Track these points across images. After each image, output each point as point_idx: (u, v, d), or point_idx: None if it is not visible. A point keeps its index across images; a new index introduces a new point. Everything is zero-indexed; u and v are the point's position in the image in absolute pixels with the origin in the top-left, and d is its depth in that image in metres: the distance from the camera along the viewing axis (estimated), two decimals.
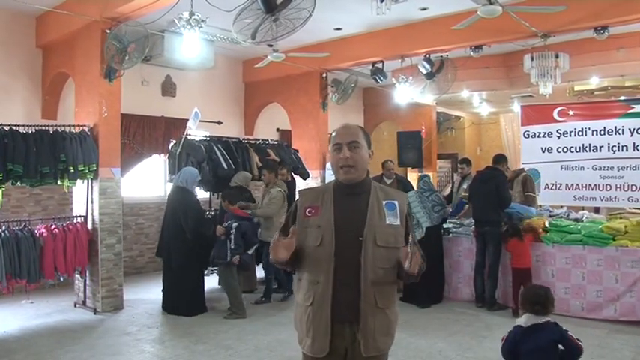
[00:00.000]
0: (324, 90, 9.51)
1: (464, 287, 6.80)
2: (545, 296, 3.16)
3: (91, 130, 6.36)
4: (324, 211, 2.28)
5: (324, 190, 2.38)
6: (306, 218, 2.31)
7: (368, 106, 13.10)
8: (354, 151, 2.28)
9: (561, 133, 8.38)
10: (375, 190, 2.34)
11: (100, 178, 6.32)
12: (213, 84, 9.84)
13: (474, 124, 15.05)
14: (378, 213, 2.27)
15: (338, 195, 2.32)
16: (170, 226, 6.16)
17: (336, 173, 2.33)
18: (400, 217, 2.30)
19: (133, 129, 8.25)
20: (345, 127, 2.37)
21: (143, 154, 8.47)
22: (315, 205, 2.32)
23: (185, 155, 7.26)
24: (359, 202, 2.29)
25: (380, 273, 2.22)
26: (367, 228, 2.22)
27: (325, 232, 2.23)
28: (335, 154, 2.31)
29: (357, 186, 2.32)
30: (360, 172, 2.31)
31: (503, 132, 13.74)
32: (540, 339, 3.02)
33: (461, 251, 6.87)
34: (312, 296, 2.25)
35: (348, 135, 2.31)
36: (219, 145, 7.78)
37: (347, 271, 2.20)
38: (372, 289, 2.20)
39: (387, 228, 2.26)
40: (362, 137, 2.33)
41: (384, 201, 2.31)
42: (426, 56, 8.09)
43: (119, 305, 6.45)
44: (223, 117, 9.86)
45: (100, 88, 6.33)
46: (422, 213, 6.54)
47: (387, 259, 2.24)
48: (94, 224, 6.37)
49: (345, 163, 2.27)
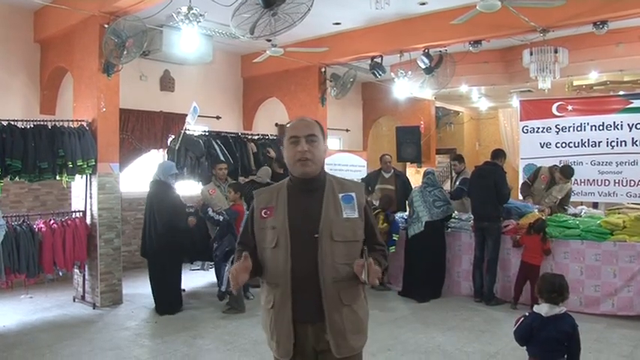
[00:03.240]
0: (323, 85, 9.48)
1: (463, 282, 6.81)
2: (560, 284, 3.22)
3: (89, 125, 6.34)
4: (278, 211, 2.23)
5: (279, 188, 2.31)
6: (262, 219, 2.26)
7: (367, 100, 13.05)
8: (312, 144, 2.22)
9: (560, 128, 8.40)
10: (330, 184, 2.28)
11: (99, 173, 6.31)
12: (212, 79, 9.81)
13: (472, 119, 14.99)
14: (333, 207, 2.21)
15: (292, 192, 2.27)
16: (148, 223, 6.09)
17: (291, 167, 2.26)
18: (358, 209, 2.23)
19: (131, 124, 8.21)
20: (302, 120, 2.31)
21: (142, 149, 8.42)
22: (269, 205, 2.27)
23: (184, 150, 7.28)
24: (314, 198, 2.23)
25: (340, 270, 2.15)
26: (322, 224, 2.16)
27: (280, 232, 2.18)
28: (291, 148, 2.23)
29: (313, 181, 2.25)
30: (317, 165, 2.24)
31: (502, 127, 13.71)
32: (556, 329, 3.09)
33: (460, 246, 6.88)
34: (272, 300, 2.21)
35: (306, 128, 2.24)
36: (218, 139, 7.79)
37: (305, 271, 2.14)
38: (334, 287, 2.14)
39: (344, 222, 2.19)
40: (319, 131, 2.27)
41: (340, 194, 2.24)
42: (424, 51, 8.06)
43: (118, 300, 6.44)
44: (222, 112, 9.86)
45: (98, 83, 6.31)
46: (422, 207, 6.56)
47: (347, 255, 2.17)
48: (93, 219, 6.36)
49: (303, 156, 2.19)
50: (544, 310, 3.15)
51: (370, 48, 8.43)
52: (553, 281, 3.25)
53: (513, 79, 9.81)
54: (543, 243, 5.95)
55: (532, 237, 6.02)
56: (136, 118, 8.30)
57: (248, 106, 10.50)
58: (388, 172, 8.04)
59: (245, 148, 8.19)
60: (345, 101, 10.88)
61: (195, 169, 7.41)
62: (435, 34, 7.66)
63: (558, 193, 7.07)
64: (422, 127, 11.56)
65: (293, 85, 9.70)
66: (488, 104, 13.40)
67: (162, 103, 8.80)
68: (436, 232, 6.62)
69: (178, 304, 6.13)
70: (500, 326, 5.46)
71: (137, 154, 8.42)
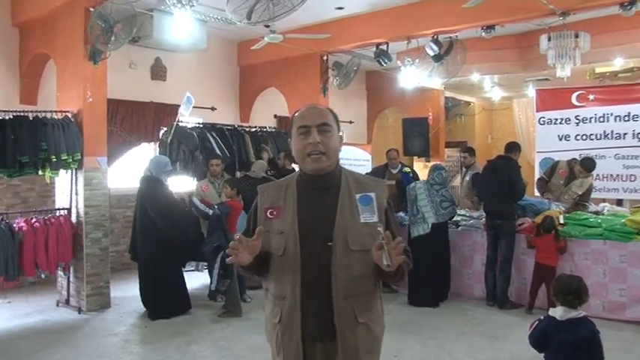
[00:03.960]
0: (325, 74, 9.45)
1: (474, 284, 6.76)
2: (578, 286, 3.19)
3: (74, 116, 6.30)
4: (286, 213, 2.09)
5: (287, 184, 2.17)
6: (267, 221, 2.12)
7: (371, 90, 13.00)
8: (325, 135, 2.07)
9: (580, 119, 8.31)
10: (346, 182, 2.12)
11: (85, 168, 6.29)
12: (206, 67, 9.78)
13: (484, 110, 14.97)
14: (349, 210, 2.05)
15: (302, 190, 2.12)
16: (139, 221, 6.06)
17: (301, 162, 2.10)
18: (378, 212, 2.02)
19: (120, 115, 8.15)
20: (313, 107, 2.15)
21: (131, 142, 8.38)
22: (276, 204, 2.13)
23: (177, 143, 7.29)
24: (327, 199, 2.08)
25: (357, 282, 2.03)
26: (337, 230, 2.02)
27: (289, 238, 2.04)
28: (301, 139, 2.07)
29: (326, 178, 2.10)
30: (332, 160, 2.09)
31: (517, 118, 13.68)
32: (573, 334, 3.06)
33: (471, 246, 6.82)
34: (279, 313, 2.09)
35: (317, 116, 2.09)
36: (213, 132, 7.79)
37: (316, 284, 2.01)
38: (348, 302, 2.02)
39: (362, 227, 2.01)
40: (332, 119, 2.13)
41: (357, 194, 2.03)
42: (433, 37, 8.00)
43: (106, 304, 6.42)
44: (217, 102, 9.82)
45: (84, 71, 6.27)
46: (428, 207, 6.45)
47: (365, 265, 2.02)
48: (79, 217, 6.34)
49: (315, 148, 2.04)
50: (559, 313, 3.13)
51: (375, 34, 8.39)
52: (569, 283, 3.24)
53: (529, 67, 9.71)
54: (557, 242, 5.90)
55: (544, 237, 5.96)
56: (125, 109, 8.25)
57: (245, 97, 10.48)
58: (395, 168, 8.01)
59: (242, 141, 8.18)
60: (349, 91, 10.83)
61: (189, 163, 7.42)
62: (444, 18, 7.60)
63: (578, 188, 6.99)
64: (430, 119, 11.52)
65: (293, 74, 9.68)
66: (502, 94, 13.34)
67: (153, 93, 8.75)
68: (441, 233, 6.55)
69: (187, 306, 6.16)
70: (514, 332, 5.42)
71: (126, 147, 8.37)
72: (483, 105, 14.83)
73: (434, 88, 11.71)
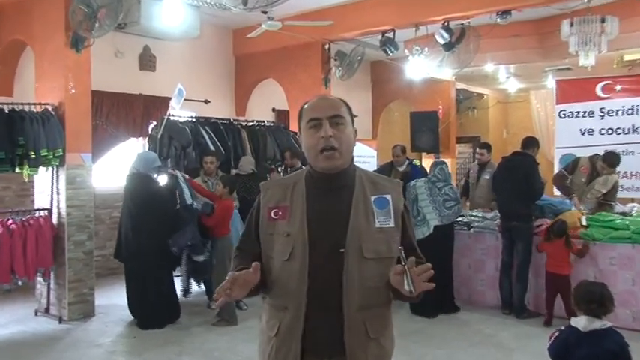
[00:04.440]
0: (327, 64, 9.45)
1: (488, 291, 6.70)
2: (601, 294, 3.12)
3: (55, 109, 6.26)
4: (294, 213, 2.01)
5: (294, 182, 2.09)
6: (271, 222, 2.04)
7: (377, 82, 12.98)
8: (338, 128, 2.00)
9: (606, 112, 8.28)
10: (360, 182, 2.06)
11: (68, 165, 6.25)
12: (199, 57, 9.76)
13: (499, 103, 14.96)
14: (364, 213, 2.00)
15: (312, 190, 2.04)
16: (127, 223, 6.02)
17: (313, 159, 2.03)
18: (395, 217, 2.01)
19: (105, 108, 8.13)
20: (324, 98, 2.10)
21: (118, 138, 8.37)
22: (282, 204, 2.04)
23: (167, 139, 7.23)
24: (340, 200, 2.02)
25: (370, 294, 1.96)
26: (350, 235, 1.96)
27: (296, 242, 1.97)
28: (311, 134, 2.00)
29: (339, 177, 2.03)
30: (346, 157, 2.03)
31: (535, 111, 13.64)
32: (598, 347, 2.99)
33: (484, 249, 6.76)
34: (277, 325, 2.00)
35: (329, 107, 2.02)
36: (206, 127, 7.75)
37: (325, 295, 1.93)
38: (360, 315, 1.95)
39: (377, 233, 1.98)
40: (346, 111, 2.06)
41: (372, 196, 2.02)
42: (444, 24, 7.96)
43: (90, 312, 6.38)
44: (211, 95, 9.81)
45: (65, 60, 6.22)
46: (430, 208, 6.33)
47: (380, 275, 1.96)
48: (61, 218, 6.30)
49: (328, 144, 1.97)
50: (582, 323, 3.05)
51: (381, 21, 8.36)
52: (591, 289, 3.18)
53: (549, 55, 9.64)
54: (568, 248, 5.83)
55: (554, 242, 5.89)
56: (112, 101, 8.22)
57: (241, 89, 10.47)
58: (401, 166, 7.97)
59: (238, 137, 8.17)
60: (352, 83, 10.75)
61: (181, 160, 7.37)
62: (456, 3, 7.57)
63: (602, 186, 6.91)
64: (440, 113, 11.50)
65: (292, 64, 9.67)
66: (518, 85, 13.29)
67: (141, 85, 8.72)
68: (445, 237, 6.42)
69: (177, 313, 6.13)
70: (532, 343, 5.36)
71: (113, 143, 8.35)
72: (498, 97, 14.81)
73: (444, 79, 11.66)
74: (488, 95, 14.55)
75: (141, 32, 8.27)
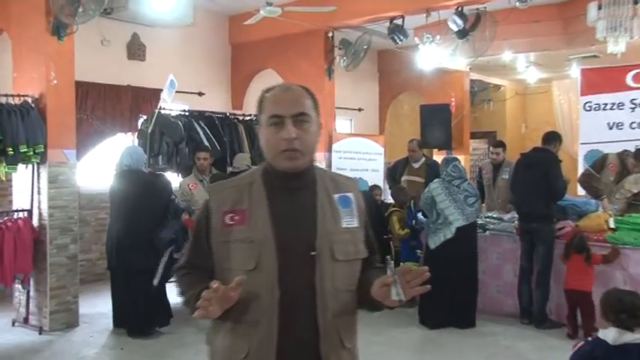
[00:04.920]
0: (330, 53, 9.44)
1: (504, 299, 6.68)
2: (632, 303, 3.07)
3: (35, 101, 6.22)
4: (254, 217, 1.96)
5: (249, 182, 2.05)
6: (226, 228, 1.96)
7: (384, 73, 12.94)
8: (303, 127, 1.95)
9: (637, 104, 8.23)
10: (322, 180, 2.06)
11: (49, 163, 6.23)
12: (193, 45, 9.76)
13: (518, 95, 14.92)
14: (330, 213, 2.00)
15: (272, 190, 2.01)
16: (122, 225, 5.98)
17: (272, 158, 1.99)
18: (358, 215, 2.04)
19: (91, 100, 8.11)
20: (287, 90, 2.03)
21: (105, 133, 8.37)
22: (239, 207, 1.97)
23: (158, 134, 7.30)
24: (304, 200, 2.00)
25: (342, 298, 1.97)
26: (320, 237, 1.94)
27: (262, 248, 1.92)
28: (272, 131, 1.95)
29: (301, 176, 2.01)
30: (308, 157, 2.00)
31: (557, 104, 13.61)
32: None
33: (500, 253, 6.75)
34: (247, 345, 1.92)
35: (293, 103, 1.97)
36: (200, 121, 7.80)
37: (298, 303, 1.91)
38: (334, 323, 1.94)
39: (344, 234, 2.00)
40: (312, 106, 2.00)
41: (335, 194, 2.03)
42: (457, 9, 7.93)
43: (73, 322, 6.34)
44: (205, 87, 9.80)
45: (46, 48, 6.18)
46: (452, 208, 6.26)
47: (350, 278, 2.00)
48: (42, 220, 6.28)
49: (291, 146, 1.93)
50: (611, 336, 2.98)
51: (389, 6, 8.35)
52: (621, 298, 3.12)
53: (573, 42, 9.57)
54: (588, 264, 5.75)
55: (573, 259, 5.83)
56: (97, 93, 8.20)
57: (238, 80, 10.47)
58: (417, 162, 7.97)
59: (235, 132, 8.21)
60: (358, 74, 10.77)
61: (173, 157, 7.44)
62: None
63: (632, 185, 6.85)
64: (453, 106, 11.47)
65: (293, 53, 9.66)
66: (539, 75, 13.19)
67: (130, 75, 8.71)
68: (467, 239, 6.34)
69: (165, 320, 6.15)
70: (554, 356, 5.34)
71: (99, 138, 8.35)
72: (516, 88, 14.77)
73: (457, 69, 11.62)
74: (505, 86, 14.51)
75: (129, 18, 8.26)
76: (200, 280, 1.94)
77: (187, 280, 2.03)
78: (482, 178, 8.06)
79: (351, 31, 9.45)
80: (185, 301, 2.01)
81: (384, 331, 5.98)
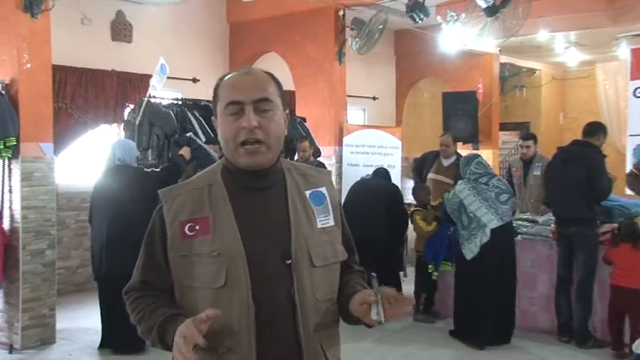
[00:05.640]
0: (341, 34, 9.46)
1: (539, 312, 6.67)
2: None
3: (6, 87, 6.18)
4: (219, 225, 1.93)
5: (208, 184, 2.01)
6: (186, 240, 1.91)
7: (402, 56, 12.95)
8: (266, 115, 1.93)
9: None
10: (290, 176, 2.06)
11: (22, 157, 6.18)
12: (186, 25, 9.78)
13: (555, 80, 14.96)
14: (304, 213, 2.00)
15: (235, 192, 1.98)
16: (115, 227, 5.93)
17: (231, 153, 1.96)
18: (333, 213, 2.06)
19: (70, 87, 8.10)
20: (247, 73, 2.02)
21: (87, 124, 8.36)
22: (199, 215, 1.93)
23: (148, 125, 7.24)
24: (273, 201, 2.00)
25: (323, 309, 1.99)
26: (296, 242, 1.94)
27: (232, 262, 1.89)
28: (230, 122, 1.93)
29: (268, 174, 2.00)
30: (274, 150, 1.98)
31: (602, 90, 13.60)
32: None
33: (534, 261, 6.74)
34: None
35: (254, 87, 1.95)
36: (195, 111, 7.78)
37: (276, 320, 1.90)
38: (316, 337, 1.96)
39: (321, 235, 2.01)
40: (275, 91, 2.00)
41: (306, 191, 2.04)
42: None
43: (49, 338, 6.30)
44: (201, 72, 9.81)
45: (18, 27, 6.12)
46: (484, 208, 6.18)
47: (330, 285, 2.02)
48: (14, 222, 6.23)
49: (251, 136, 1.90)
50: None
51: None
52: None
53: (621, 19, 9.50)
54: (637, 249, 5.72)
55: (622, 249, 5.78)
56: (78, 79, 8.19)
57: (237, 64, 10.38)
58: (448, 159, 7.92)
59: None
60: (372, 57, 10.81)
61: (165, 151, 7.37)
62: None
63: None
64: (480, 93, 11.40)
65: (299, 34, 9.70)
66: (581, 57, 13.18)
67: (115, 59, 8.70)
68: (504, 244, 6.28)
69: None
70: None
71: (80, 130, 8.34)
72: (553, 73, 14.80)
73: (485, 51, 11.59)
74: (540, 71, 14.54)
75: None
76: (159, 304, 1.92)
77: (143, 303, 1.97)
78: (511, 176, 8.06)
79: (365, 9, 9.45)
80: (144, 330, 1.95)
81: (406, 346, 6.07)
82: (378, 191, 7.20)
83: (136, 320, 1.97)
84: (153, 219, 2.04)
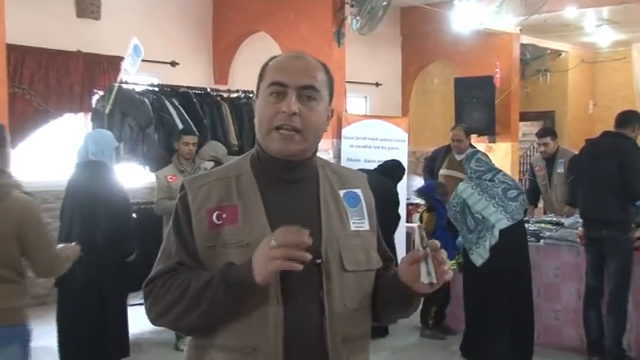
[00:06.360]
0: (340, 12, 9.52)
1: (564, 327, 6.69)
2: None
3: None
4: (248, 213, 1.99)
5: (236, 174, 2.08)
6: (214, 229, 1.97)
7: (409, 37, 12.99)
8: (309, 104, 1.99)
9: None
10: (324, 173, 2.14)
11: None
12: (163, 1, 9.82)
13: (584, 63, 15.01)
14: (337, 213, 2.07)
15: (265, 182, 2.05)
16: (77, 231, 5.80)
17: (264, 136, 2.02)
18: (368, 217, 2.14)
19: (28, 70, 8.13)
20: (298, 57, 2.08)
21: (48, 113, 8.40)
22: (226, 203, 2.00)
23: (119, 115, 7.33)
24: (304, 196, 2.07)
25: (353, 319, 2.03)
26: (326, 241, 2.00)
27: None
28: (270, 102, 1.99)
29: (299, 167, 2.07)
30: (309, 142, 2.03)
31: (637, 74, 13.53)
32: None
33: (558, 269, 6.78)
34: None
35: (302, 72, 2.01)
36: (174, 99, 7.90)
37: (303, 324, 1.95)
38: (345, 348, 2.00)
39: (354, 238, 2.07)
40: (324, 83, 2.05)
41: (340, 190, 2.12)
42: None
43: None
44: (180, 55, 9.97)
45: None
46: (492, 206, 6.10)
47: (361, 293, 2.06)
48: None
49: (289, 121, 1.95)
50: None
51: None
52: None
53: None
54: None
55: None
56: (37, 60, 8.22)
57: (221, 46, 10.62)
58: (461, 153, 7.88)
59: (218, 113, 8.35)
60: (375, 38, 10.84)
61: (139, 144, 7.54)
62: None
63: None
64: (497, 79, 11.46)
65: (292, 12, 9.76)
66: (614, 37, 13.24)
67: (81, 39, 8.71)
68: (515, 244, 6.21)
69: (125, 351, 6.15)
70: None
71: (40, 120, 8.38)
72: (582, 55, 14.86)
73: (504, 31, 11.60)
74: (567, 52, 14.65)
75: None
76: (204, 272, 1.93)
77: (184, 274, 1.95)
78: (534, 176, 8.13)
79: None
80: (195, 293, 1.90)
81: None
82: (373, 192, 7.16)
83: (179, 293, 1.92)
84: (176, 206, 2.08)
